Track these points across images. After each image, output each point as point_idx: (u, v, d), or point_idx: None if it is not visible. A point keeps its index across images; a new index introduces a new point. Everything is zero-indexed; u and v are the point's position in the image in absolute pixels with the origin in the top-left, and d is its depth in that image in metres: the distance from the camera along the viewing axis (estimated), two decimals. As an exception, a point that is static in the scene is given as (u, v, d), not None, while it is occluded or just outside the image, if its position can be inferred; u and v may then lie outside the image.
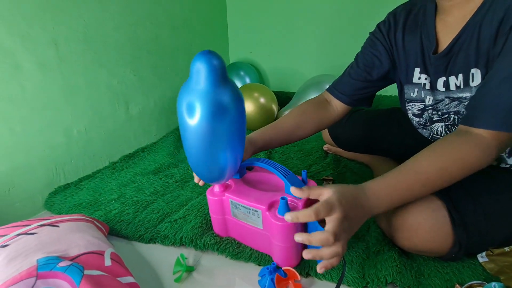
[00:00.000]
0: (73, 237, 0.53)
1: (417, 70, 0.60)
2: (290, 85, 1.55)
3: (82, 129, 0.92)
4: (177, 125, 1.30)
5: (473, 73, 0.50)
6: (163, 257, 0.61)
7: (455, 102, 0.55)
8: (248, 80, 1.47)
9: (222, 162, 0.49)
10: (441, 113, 0.59)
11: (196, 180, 0.61)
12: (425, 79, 0.58)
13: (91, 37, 0.91)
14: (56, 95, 0.83)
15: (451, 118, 0.57)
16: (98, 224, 0.63)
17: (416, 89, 0.62)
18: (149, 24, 1.10)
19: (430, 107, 0.60)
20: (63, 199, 0.81)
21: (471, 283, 0.48)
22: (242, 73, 1.45)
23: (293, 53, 1.51)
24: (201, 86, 0.42)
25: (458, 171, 0.45)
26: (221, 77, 0.43)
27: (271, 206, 0.53)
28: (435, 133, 0.63)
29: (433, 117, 0.61)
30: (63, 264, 0.45)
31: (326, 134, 0.95)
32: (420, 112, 0.63)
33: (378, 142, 0.83)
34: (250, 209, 0.54)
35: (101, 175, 0.93)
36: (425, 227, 0.48)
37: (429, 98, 0.59)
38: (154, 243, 0.65)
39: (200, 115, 0.43)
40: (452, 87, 0.54)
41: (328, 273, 0.53)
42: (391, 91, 1.29)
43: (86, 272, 0.45)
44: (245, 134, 0.51)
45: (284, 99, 1.43)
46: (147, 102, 1.14)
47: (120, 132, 1.05)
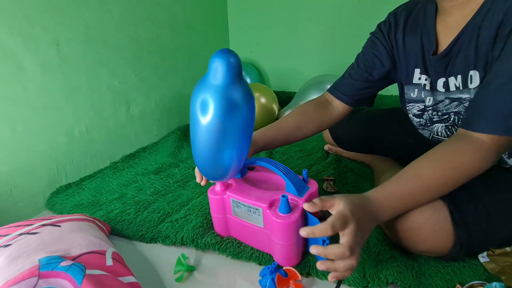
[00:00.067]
0: (74, 236, 0.53)
1: (417, 71, 0.60)
2: (291, 85, 1.55)
3: (84, 129, 0.92)
4: (178, 125, 1.30)
5: (471, 75, 0.50)
6: (164, 256, 0.61)
7: (455, 103, 0.55)
8: (249, 80, 1.47)
9: (228, 160, 0.50)
10: (441, 113, 0.59)
11: (198, 180, 0.62)
12: (425, 79, 0.58)
13: (92, 37, 0.91)
14: (58, 95, 0.84)
15: (451, 119, 0.57)
16: (100, 224, 0.63)
17: (416, 90, 0.61)
18: (150, 24, 1.11)
19: (430, 107, 0.60)
20: (64, 199, 0.81)
21: (472, 283, 0.48)
22: (243, 73, 1.45)
23: (294, 53, 1.51)
24: (217, 82, 0.44)
25: (458, 177, 0.45)
26: (237, 75, 0.44)
27: (272, 204, 0.53)
28: (435, 133, 0.63)
29: (433, 118, 0.61)
30: (64, 263, 0.45)
31: (327, 134, 0.95)
32: (420, 112, 0.63)
33: (379, 142, 0.83)
34: (251, 207, 0.54)
35: (102, 175, 0.93)
36: (426, 227, 0.48)
37: (429, 99, 0.59)
38: (155, 242, 0.65)
39: (214, 110, 0.44)
40: (452, 88, 0.54)
41: (328, 273, 0.52)
42: (392, 91, 1.29)
43: (88, 272, 0.45)
44: (252, 133, 0.52)
45: (285, 99, 1.43)
46: (148, 102, 1.14)
47: (121, 132, 1.05)
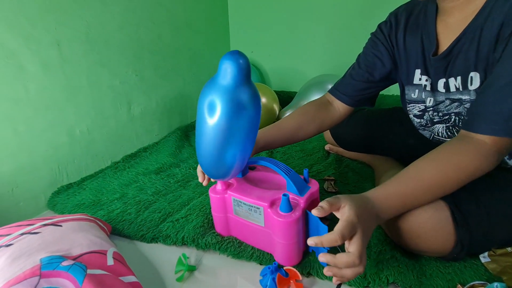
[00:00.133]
0: (75, 236, 0.53)
1: (417, 71, 0.59)
2: (291, 84, 1.55)
3: (85, 129, 0.92)
4: (178, 125, 1.30)
5: (471, 77, 0.50)
6: (165, 256, 0.61)
7: (455, 104, 0.55)
8: (249, 80, 1.47)
9: (232, 160, 0.51)
10: (441, 114, 0.58)
11: (200, 179, 0.62)
12: (426, 80, 0.58)
13: (93, 37, 0.91)
14: (59, 95, 0.84)
15: (452, 119, 0.57)
16: (101, 224, 0.63)
17: (417, 90, 0.61)
18: (151, 25, 1.11)
19: (431, 108, 0.60)
20: (66, 199, 0.82)
21: (473, 283, 0.47)
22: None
23: (294, 52, 1.50)
24: (227, 83, 0.44)
25: (460, 178, 0.45)
26: (246, 77, 0.45)
27: (273, 203, 0.53)
28: (436, 134, 0.63)
29: (433, 119, 0.61)
30: (66, 263, 0.45)
31: (327, 134, 0.95)
32: (421, 113, 0.63)
33: (380, 141, 0.83)
34: (252, 206, 0.54)
35: (103, 175, 0.93)
36: (427, 227, 0.48)
37: (429, 100, 0.59)
38: (156, 242, 0.65)
39: (221, 111, 0.45)
40: (452, 88, 0.54)
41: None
42: (393, 91, 1.29)
43: (89, 271, 0.45)
44: (257, 133, 0.52)
45: (286, 99, 1.43)
46: (149, 102, 1.15)
47: (122, 132, 1.05)
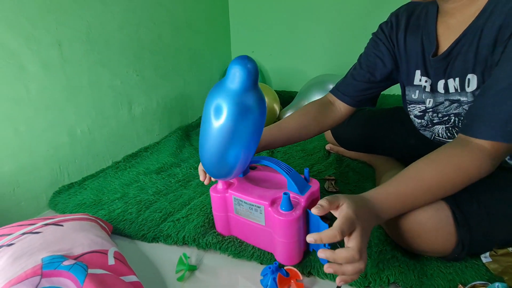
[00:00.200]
0: (77, 236, 0.53)
1: (418, 72, 0.59)
2: (292, 84, 1.55)
3: (86, 129, 0.92)
4: (179, 125, 1.30)
5: (469, 79, 0.50)
6: (166, 256, 0.61)
7: (455, 105, 0.55)
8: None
9: (236, 160, 0.51)
10: (441, 115, 0.58)
11: (201, 178, 0.62)
12: (426, 81, 0.58)
13: (94, 37, 0.91)
14: (60, 95, 0.84)
15: (452, 120, 0.57)
16: (102, 223, 0.64)
17: (417, 91, 0.61)
18: (151, 25, 1.11)
19: (431, 109, 0.60)
20: (67, 199, 0.82)
21: (474, 283, 0.47)
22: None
23: (295, 52, 1.50)
24: (235, 87, 0.45)
25: (459, 179, 0.45)
26: (254, 81, 0.46)
27: (273, 202, 0.53)
28: (436, 135, 0.63)
29: (433, 120, 0.61)
30: (67, 263, 0.45)
31: (328, 133, 0.95)
32: (421, 113, 0.63)
33: (381, 141, 0.82)
34: (253, 205, 0.54)
35: (104, 175, 0.93)
36: (428, 227, 0.48)
37: (429, 101, 0.59)
38: (157, 242, 0.65)
39: (227, 114, 0.46)
40: (451, 89, 0.54)
41: (331, 274, 0.53)
42: (394, 90, 1.28)
43: (90, 271, 0.45)
44: (261, 135, 0.53)
45: (287, 98, 1.43)
46: (150, 102, 1.15)
47: (123, 132, 1.05)
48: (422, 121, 0.64)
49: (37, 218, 0.58)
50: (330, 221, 0.54)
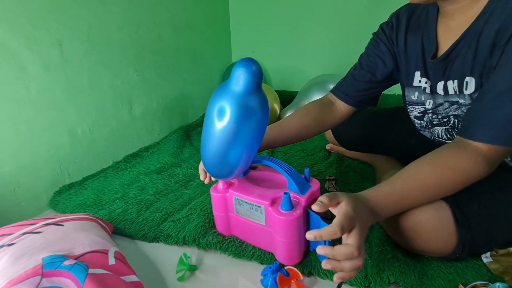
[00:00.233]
0: (77, 236, 0.53)
1: (417, 74, 0.59)
2: (293, 84, 1.55)
3: (86, 129, 0.92)
4: (179, 125, 1.30)
5: (467, 81, 0.50)
6: (166, 256, 0.61)
7: (454, 106, 0.55)
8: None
9: (237, 161, 0.51)
10: (441, 116, 0.58)
11: (202, 178, 0.62)
12: (425, 82, 0.58)
13: (94, 37, 0.91)
14: (60, 95, 0.84)
15: (451, 122, 0.57)
16: (102, 223, 0.64)
17: (417, 92, 0.61)
18: (151, 25, 1.11)
19: (430, 110, 0.60)
20: (67, 198, 0.82)
21: (475, 283, 0.47)
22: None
23: (296, 52, 1.50)
24: (239, 89, 0.45)
25: (456, 180, 0.45)
26: (258, 84, 0.46)
27: (274, 201, 0.53)
28: (436, 136, 0.63)
29: (433, 121, 0.61)
30: (67, 262, 0.46)
31: (329, 133, 0.95)
32: (420, 115, 0.63)
33: (381, 141, 0.82)
34: (253, 204, 0.54)
35: (105, 175, 0.93)
36: (428, 227, 0.48)
37: (429, 102, 0.59)
38: (157, 242, 0.65)
39: (231, 115, 0.46)
40: (451, 91, 0.54)
41: (330, 272, 0.53)
42: (395, 90, 1.28)
43: (91, 271, 0.45)
44: (263, 136, 0.53)
45: (287, 98, 1.43)
46: (150, 102, 1.15)
47: (124, 132, 1.05)
48: (422, 122, 0.64)
49: (37, 218, 0.58)
50: (330, 221, 0.54)
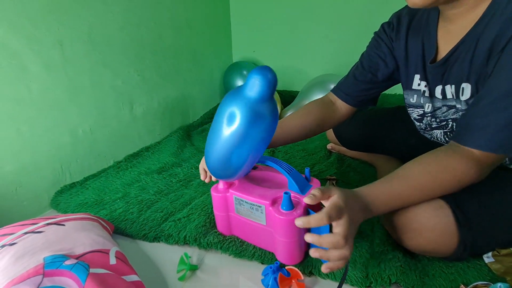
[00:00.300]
0: (78, 235, 0.54)
1: (417, 77, 0.59)
2: (293, 84, 1.55)
3: (87, 129, 0.92)
4: (180, 125, 1.31)
5: (463, 87, 0.50)
6: (167, 255, 0.61)
7: (452, 110, 0.55)
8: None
9: (242, 163, 0.51)
10: (439, 120, 0.58)
11: (202, 177, 0.62)
12: (425, 86, 0.58)
13: (95, 37, 0.91)
14: (62, 95, 0.84)
15: (449, 125, 0.57)
16: (103, 223, 0.64)
17: (416, 95, 0.61)
18: (152, 25, 1.11)
19: (429, 114, 0.60)
20: (69, 198, 0.82)
21: (476, 283, 0.47)
22: (245, 72, 1.46)
23: (296, 52, 1.50)
24: (253, 95, 0.45)
25: (448, 180, 0.45)
26: (272, 92, 0.46)
27: (274, 201, 0.53)
28: (435, 138, 0.63)
29: (432, 124, 0.61)
30: (69, 262, 0.46)
31: (330, 132, 0.95)
32: (420, 117, 0.63)
33: (382, 141, 0.82)
34: (254, 204, 0.54)
35: (106, 175, 0.94)
36: (428, 227, 0.48)
37: (428, 105, 0.59)
38: (158, 241, 0.65)
39: (242, 120, 0.46)
40: (449, 95, 0.54)
41: (331, 272, 0.53)
42: (396, 90, 1.27)
43: (92, 270, 0.45)
44: (270, 140, 0.53)
45: (288, 98, 1.43)
46: (151, 102, 1.15)
47: (125, 132, 1.05)
48: (421, 124, 0.64)
49: (39, 218, 0.58)
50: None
